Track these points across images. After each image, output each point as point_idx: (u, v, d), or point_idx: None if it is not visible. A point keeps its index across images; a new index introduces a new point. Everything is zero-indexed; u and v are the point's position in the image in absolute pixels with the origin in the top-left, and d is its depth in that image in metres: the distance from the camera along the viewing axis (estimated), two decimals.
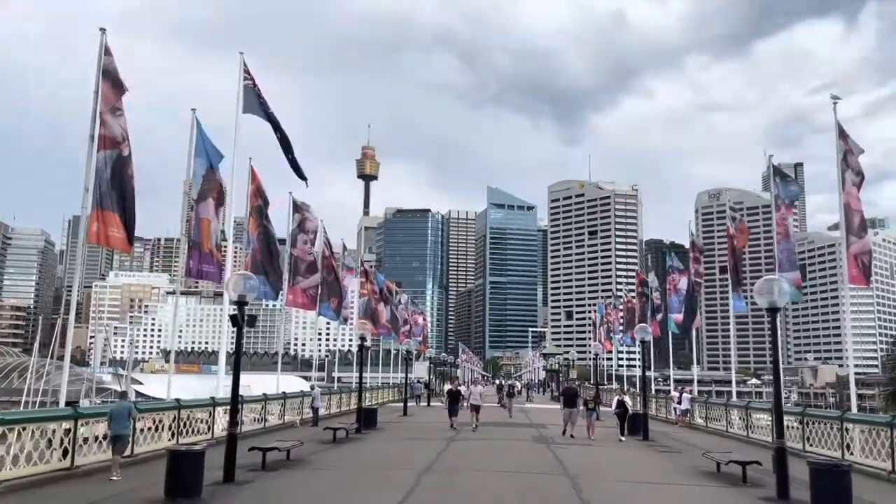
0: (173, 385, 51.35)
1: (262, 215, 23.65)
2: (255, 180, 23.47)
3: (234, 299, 12.77)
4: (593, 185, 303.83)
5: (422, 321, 65.69)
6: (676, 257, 38.44)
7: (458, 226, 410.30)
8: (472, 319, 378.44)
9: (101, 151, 14.05)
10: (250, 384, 58.30)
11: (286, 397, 27.52)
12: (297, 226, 27.67)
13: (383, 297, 46.51)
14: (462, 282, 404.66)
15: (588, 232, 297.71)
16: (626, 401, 25.20)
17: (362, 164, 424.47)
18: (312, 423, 28.20)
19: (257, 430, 24.08)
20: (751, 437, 24.27)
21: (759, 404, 26.13)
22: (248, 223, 23.30)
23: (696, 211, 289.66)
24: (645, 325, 24.86)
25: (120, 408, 14.45)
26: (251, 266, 23.12)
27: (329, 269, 32.76)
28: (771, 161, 22.88)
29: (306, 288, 27.74)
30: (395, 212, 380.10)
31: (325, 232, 32.74)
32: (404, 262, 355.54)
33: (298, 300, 27.51)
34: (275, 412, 26.59)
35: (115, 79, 14.72)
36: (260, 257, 23.42)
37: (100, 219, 13.72)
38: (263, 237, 23.54)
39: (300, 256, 27.59)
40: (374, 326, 42.60)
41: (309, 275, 27.92)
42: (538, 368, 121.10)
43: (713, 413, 28.59)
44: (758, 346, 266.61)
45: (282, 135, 23.34)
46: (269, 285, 23.57)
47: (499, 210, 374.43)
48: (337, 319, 34.23)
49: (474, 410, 27.04)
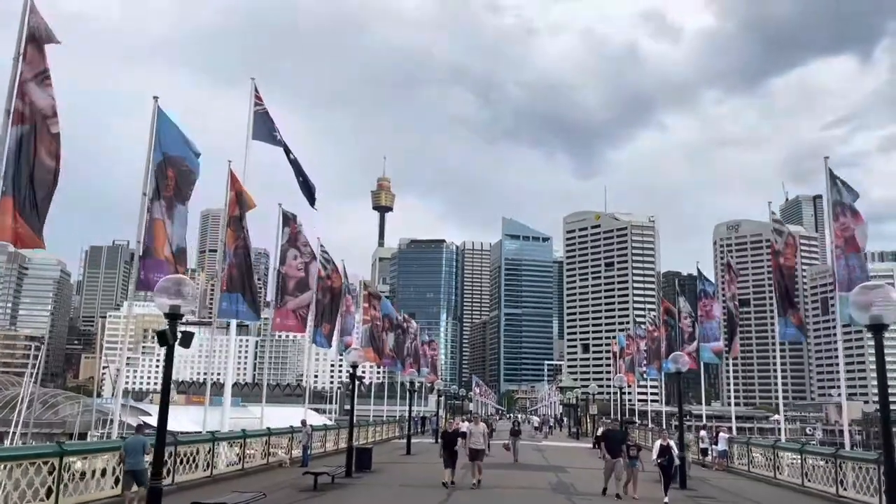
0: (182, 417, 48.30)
1: (241, 227, 20.84)
2: (234, 186, 20.74)
3: (164, 311, 9.84)
4: (609, 216, 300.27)
5: (430, 352, 62.36)
6: (707, 281, 35.18)
7: (473, 257, 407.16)
8: (487, 352, 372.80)
9: (15, 126, 11.32)
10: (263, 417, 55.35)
11: (271, 434, 24.33)
12: (286, 240, 24.81)
13: (389, 324, 43.48)
14: (476, 313, 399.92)
15: (605, 263, 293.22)
16: (672, 447, 19.13)
17: (377, 195, 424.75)
18: (302, 462, 24.98)
19: (234, 472, 20.96)
20: (806, 485, 20.73)
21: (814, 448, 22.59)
22: (224, 235, 20.49)
23: (714, 243, 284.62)
24: (680, 354, 21.27)
25: (135, 442, 14.21)
26: (227, 283, 20.29)
27: (325, 292, 29.84)
28: (827, 164, 19.81)
29: (296, 308, 24.74)
30: (409, 242, 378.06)
31: (322, 250, 29.93)
32: (418, 293, 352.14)
33: (288, 322, 24.50)
34: (257, 451, 23.43)
35: (44, 36, 12.02)
36: (237, 273, 20.56)
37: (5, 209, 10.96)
38: (242, 252, 20.70)
39: (289, 274, 24.68)
40: (378, 356, 39.46)
41: (299, 293, 24.91)
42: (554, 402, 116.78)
43: (758, 456, 24.93)
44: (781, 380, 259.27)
45: (292, 158, 23.13)
46: (248, 305, 20.66)
47: (514, 241, 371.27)
48: (328, 347, 31.17)
49: (474, 459, 19.82)
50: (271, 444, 24.62)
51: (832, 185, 19.44)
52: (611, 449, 19.14)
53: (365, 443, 33.87)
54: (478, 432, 20.41)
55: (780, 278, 23.34)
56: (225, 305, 20.17)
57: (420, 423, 46.48)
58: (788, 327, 23.00)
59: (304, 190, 24.31)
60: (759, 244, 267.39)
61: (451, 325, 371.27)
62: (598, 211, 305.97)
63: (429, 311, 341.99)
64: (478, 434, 20.35)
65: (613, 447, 19.14)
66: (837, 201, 19.37)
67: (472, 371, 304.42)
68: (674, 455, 18.94)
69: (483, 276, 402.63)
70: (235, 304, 20.32)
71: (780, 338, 23.58)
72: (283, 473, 22.29)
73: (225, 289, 20.11)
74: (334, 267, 30.50)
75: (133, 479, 13.95)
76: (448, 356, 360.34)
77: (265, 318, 28.83)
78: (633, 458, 18.92)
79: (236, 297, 20.33)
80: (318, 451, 29.22)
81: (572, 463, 29.68)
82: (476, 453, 19.88)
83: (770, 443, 24.48)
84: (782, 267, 23.18)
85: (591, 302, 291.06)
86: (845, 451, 19.76)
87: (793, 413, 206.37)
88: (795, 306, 23.49)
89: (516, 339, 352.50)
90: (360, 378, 20.41)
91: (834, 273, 18.71)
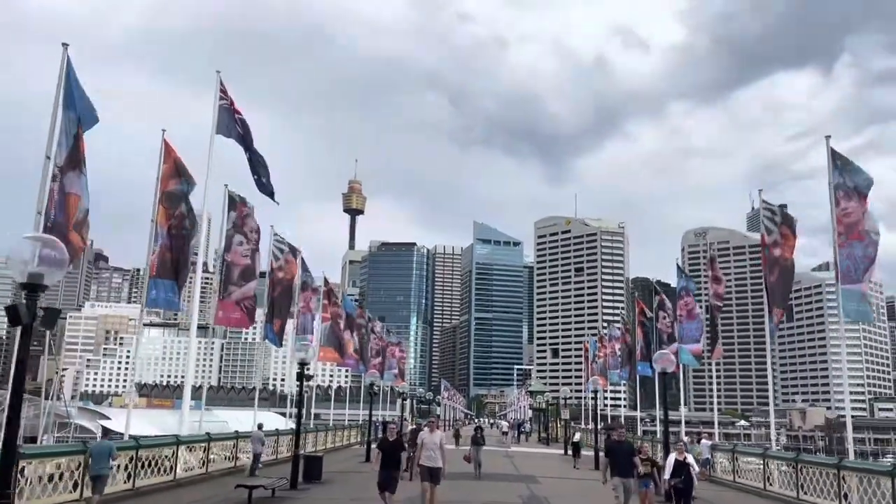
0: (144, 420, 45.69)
1: (177, 203, 18.27)
2: (169, 158, 18.18)
3: (19, 279, 7.45)
4: (580, 221, 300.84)
5: (398, 353, 59.88)
6: (689, 278, 33.39)
7: (444, 261, 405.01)
8: (457, 356, 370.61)
9: None
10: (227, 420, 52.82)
11: (211, 439, 21.72)
12: (232, 225, 22.27)
13: (352, 323, 41.03)
14: (447, 318, 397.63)
15: (574, 268, 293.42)
16: (691, 463, 14.56)
17: (349, 197, 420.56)
18: (250, 472, 22.45)
19: (165, 483, 18.39)
20: (802, 498, 18.80)
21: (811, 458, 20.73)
22: (155, 212, 17.87)
23: (683, 249, 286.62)
24: (665, 353, 18.93)
25: (100, 447, 14.19)
26: (158, 267, 17.68)
27: (276, 285, 27.36)
28: (829, 144, 17.96)
29: (241, 299, 22.16)
30: (379, 245, 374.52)
31: (276, 238, 27.46)
32: (388, 297, 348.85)
33: (232, 316, 21.91)
34: (193, 459, 20.81)
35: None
36: (171, 256, 17.97)
37: None
38: (177, 232, 18.12)
39: (234, 261, 22.13)
40: (340, 356, 36.97)
41: (244, 282, 22.35)
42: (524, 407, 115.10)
43: (744, 465, 22.93)
44: (745, 386, 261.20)
45: (252, 155, 22.16)
46: (178, 293, 18.08)
47: (485, 245, 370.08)
48: (279, 345, 28.65)
49: (427, 479, 14.44)
50: (239, 449, 23.87)
51: (833, 168, 17.62)
52: (619, 466, 14.12)
53: (315, 450, 31.25)
54: (433, 443, 14.47)
55: (769, 269, 21.31)
56: (154, 294, 17.56)
57: (382, 428, 43.93)
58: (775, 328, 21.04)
59: (261, 188, 23.14)
60: (726, 251, 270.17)
61: (422, 328, 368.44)
62: (569, 216, 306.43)
63: (399, 315, 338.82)
64: (432, 445, 14.42)
65: (622, 463, 14.13)
66: (840, 184, 17.53)
67: (441, 375, 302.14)
68: (693, 474, 14.49)
69: (454, 280, 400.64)
70: (167, 293, 17.73)
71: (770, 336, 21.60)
72: (215, 486, 19.72)
73: (154, 274, 17.50)
74: (289, 258, 28.01)
75: (96, 483, 13.89)
76: (418, 360, 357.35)
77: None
78: (644, 478, 14.28)
79: (169, 284, 17.75)
80: (270, 459, 26.75)
81: (544, 472, 27.61)
82: (431, 473, 14.29)
83: (759, 451, 22.57)
84: (778, 260, 21.17)
85: (561, 306, 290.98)
86: (849, 460, 17.89)
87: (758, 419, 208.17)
88: (786, 303, 21.50)
89: (486, 343, 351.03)
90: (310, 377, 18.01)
91: (836, 263, 16.81)
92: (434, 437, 14.81)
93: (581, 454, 33.01)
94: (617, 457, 14.38)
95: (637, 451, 14.78)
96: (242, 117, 22.75)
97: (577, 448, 33.59)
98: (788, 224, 22.32)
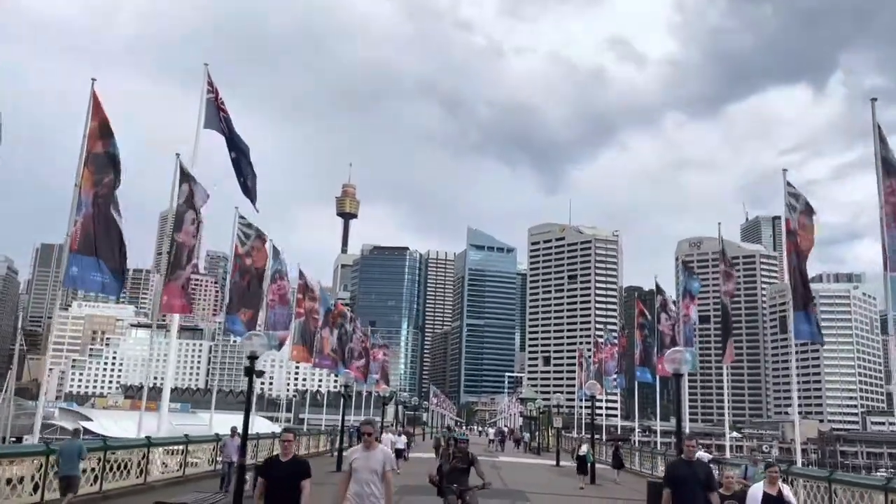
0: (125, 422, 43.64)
1: (106, 169, 15.38)
2: (97, 115, 15.36)
3: None
4: (574, 228, 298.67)
5: (381, 356, 56.98)
6: (692, 278, 30.86)
7: (437, 266, 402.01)
8: (448, 362, 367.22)
9: None
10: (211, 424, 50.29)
11: (189, 442, 19.22)
12: (184, 200, 19.46)
13: (332, 321, 38.25)
14: (439, 323, 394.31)
15: (568, 276, 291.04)
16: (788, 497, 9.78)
17: (342, 201, 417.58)
18: (221, 481, 19.23)
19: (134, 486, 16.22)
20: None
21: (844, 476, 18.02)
22: (79, 175, 14.93)
23: (677, 259, 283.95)
24: (679, 350, 15.98)
25: (70, 447, 14.07)
26: (81, 239, 14.79)
27: (243, 273, 24.59)
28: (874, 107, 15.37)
29: (184, 283, 19.35)
30: (371, 249, 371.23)
31: (241, 222, 24.70)
32: (379, 301, 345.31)
33: (175, 302, 19.07)
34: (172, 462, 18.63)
35: None
36: (96, 229, 15.09)
37: None
38: (104, 203, 15.24)
39: (185, 242, 19.33)
40: (313, 355, 34.08)
41: (187, 263, 19.50)
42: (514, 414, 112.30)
43: None
44: (737, 397, 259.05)
45: (237, 155, 21.59)
46: (111, 273, 15.20)
47: (478, 251, 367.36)
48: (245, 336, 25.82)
49: None
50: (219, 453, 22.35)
51: (880, 141, 14.98)
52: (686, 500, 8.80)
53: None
54: (369, 469, 8.21)
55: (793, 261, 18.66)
56: (75, 271, 14.65)
57: (357, 434, 40.97)
58: (804, 324, 18.31)
59: (245, 191, 22.23)
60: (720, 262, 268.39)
61: (413, 334, 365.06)
62: (563, 223, 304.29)
63: (390, 320, 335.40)
64: (368, 474, 8.20)
65: (690, 498, 8.78)
66: (886, 158, 14.92)
67: (432, 381, 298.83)
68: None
69: (446, 285, 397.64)
70: (91, 272, 14.84)
71: (795, 337, 18.91)
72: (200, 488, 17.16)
73: (76, 249, 14.62)
74: (256, 244, 25.22)
75: (66, 485, 13.64)
76: (408, 366, 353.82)
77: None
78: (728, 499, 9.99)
79: (92, 261, 14.87)
80: (249, 464, 24.06)
81: (534, 486, 24.74)
82: None
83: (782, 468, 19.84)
84: (798, 249, 18.58)
85: (554, 314, 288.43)
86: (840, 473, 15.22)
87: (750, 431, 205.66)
88: (812, 298, 18.82)
89: (478, 350, 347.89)
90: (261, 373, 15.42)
91: (883, 247, 14.10)
92: (372, 459, 8.22)
93: (587, 471, 26.44)
94: (680, 486, 8.83)
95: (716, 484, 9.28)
96: (228, 115, 21.74)
97: (584, 463, 26.45)
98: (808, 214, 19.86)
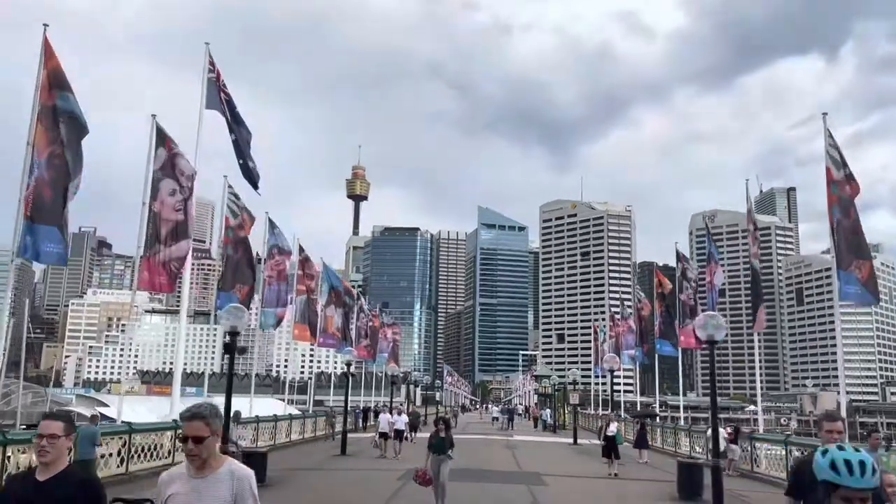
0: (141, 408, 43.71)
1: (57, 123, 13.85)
2: (49, 62, 13.86)
3: None
4: (586, 205, 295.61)
5: (391, 335, 55.73)
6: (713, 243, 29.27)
7: (448, 246, 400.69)
8: (462, 342, 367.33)
9: None
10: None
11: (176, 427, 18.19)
12: (160, 166, 18.04)
13: (336, 299, 37.04)
14: (451, 303, 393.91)
15: (581, 253, 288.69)
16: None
17: (352, 183, 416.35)
18: None
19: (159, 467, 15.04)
20: None
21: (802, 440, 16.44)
22: (32, 133, 13.48)
23: (690, 233, 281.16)
24: (713, 315, 13.85)
25: (84, 432, 14.04)
26: (33, 203, 13.34)
27: (237, 246, 23.29)
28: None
29: (167, 261, 17.96)
30: (382, 230, 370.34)
31: (230, 192, 23.35)
32: (392, 282, 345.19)
33: (155, 279, 17.71)
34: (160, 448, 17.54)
35: None
36: (50, 194, 13.69)
37: None
38: (60, 164, 13.76)
39: (163, 214, 17.91)
40: (315, 334, 32.85)
41: (173, 241, 18.11)
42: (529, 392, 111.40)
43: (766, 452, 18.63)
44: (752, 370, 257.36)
45: (237, 137, 20.75)
46: (63, 241, 13.71)
47: (490, 230, 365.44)
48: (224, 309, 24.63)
49: None
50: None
51: None
52: None
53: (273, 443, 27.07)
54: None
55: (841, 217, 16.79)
56: (29, 240, 13.19)
57: (362, 415, 39.76)
58: (850, 285, 16.53)
59: (245, 174, 21.13)
60: (734, 234, 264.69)
61: (426, 314, 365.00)
62: (575, 200, 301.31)
63: (402, 300, 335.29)
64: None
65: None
66: None
67: (446, 361, 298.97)
68: None
69: (458, 265, 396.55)
70: (47, 242, 13.32)
71: (840, 298, 17.11)
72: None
73: (28, 215, 13.21)
74: (249, 215, 23.88)
75: None
76: (422, 346, 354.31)
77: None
78: None
79: (48, 231, 13.43)
80: (250, 448, 22.86)
81: (551, 468, 23.08)
82: None
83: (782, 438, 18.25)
84: (844, 200, 16.64)
85: (567, 291, 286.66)
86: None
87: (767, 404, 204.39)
88: (865, 256, 16.77)
89: (491, 329, 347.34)
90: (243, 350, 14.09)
91: None
92: (206, 496, 3.48)
93: (618, 454, 22.40)
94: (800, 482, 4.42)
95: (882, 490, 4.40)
96: (230, 97, 20.86)
97: (612, 445, 22.35)
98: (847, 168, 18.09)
